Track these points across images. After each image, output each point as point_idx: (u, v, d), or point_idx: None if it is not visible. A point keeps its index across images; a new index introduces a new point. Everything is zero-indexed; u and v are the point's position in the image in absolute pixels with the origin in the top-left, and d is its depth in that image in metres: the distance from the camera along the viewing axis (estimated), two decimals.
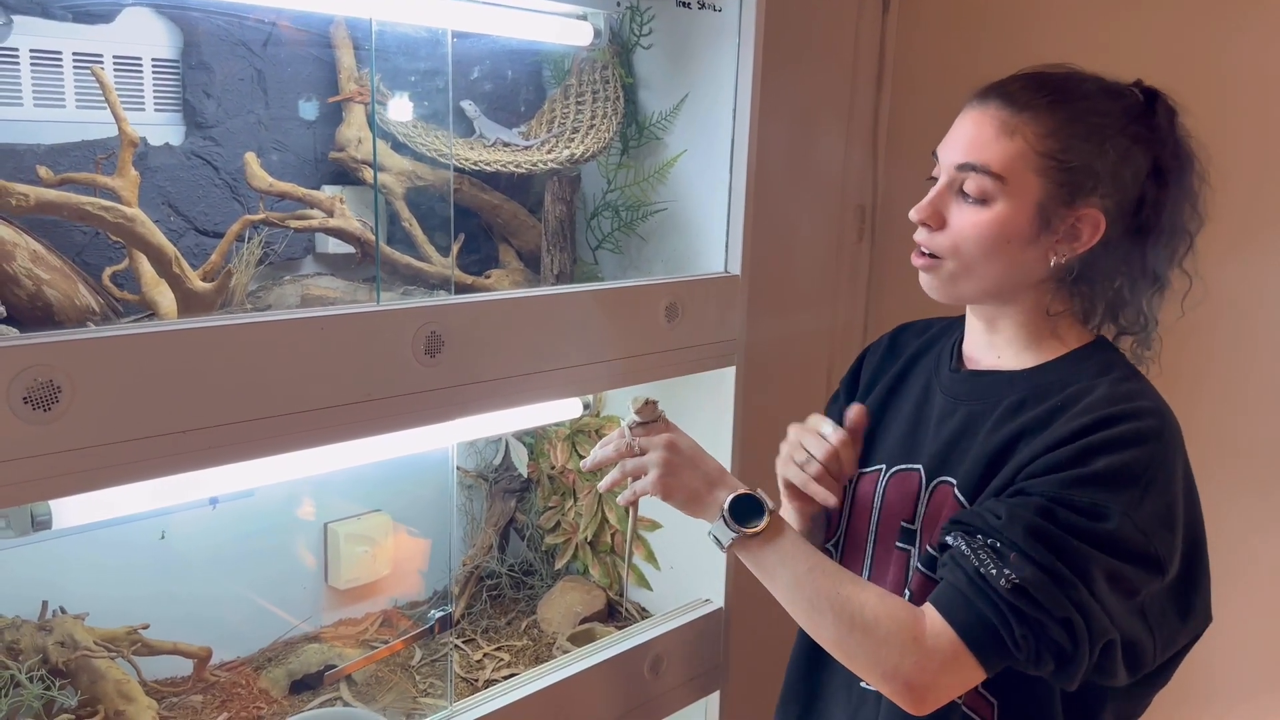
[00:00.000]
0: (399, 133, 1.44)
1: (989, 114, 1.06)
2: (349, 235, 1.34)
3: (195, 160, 1.38)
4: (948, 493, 1.11)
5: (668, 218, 1.62)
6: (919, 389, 1.23)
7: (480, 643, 1.63)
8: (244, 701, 1.43)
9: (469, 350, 1.21)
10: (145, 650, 1.38)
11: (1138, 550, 0.99)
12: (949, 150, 1.09)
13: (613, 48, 1.59)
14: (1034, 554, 0.97)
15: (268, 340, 1.04)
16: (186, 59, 1.37)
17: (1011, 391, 1.11)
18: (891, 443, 1.22)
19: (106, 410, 0.94)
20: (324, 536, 1.63)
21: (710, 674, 1.64)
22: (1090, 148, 1.03)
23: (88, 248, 1.28)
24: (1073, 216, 1.05)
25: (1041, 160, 1.04)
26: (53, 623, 1.28)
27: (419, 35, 1.37)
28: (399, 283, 1.37)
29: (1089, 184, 1.04)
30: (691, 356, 1.49)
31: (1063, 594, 0.96)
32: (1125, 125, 1.05)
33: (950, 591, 1.00)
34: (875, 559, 1.20)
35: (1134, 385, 1.08)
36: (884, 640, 1.00)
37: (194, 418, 0.99)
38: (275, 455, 1.06)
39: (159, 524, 1.44)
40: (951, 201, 1.08)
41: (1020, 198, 1.04)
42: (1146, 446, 1.01)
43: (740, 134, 1.50)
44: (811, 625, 1.05)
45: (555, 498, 1.78)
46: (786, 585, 1.06)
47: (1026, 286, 1.10)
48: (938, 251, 1.10)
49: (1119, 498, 0.99)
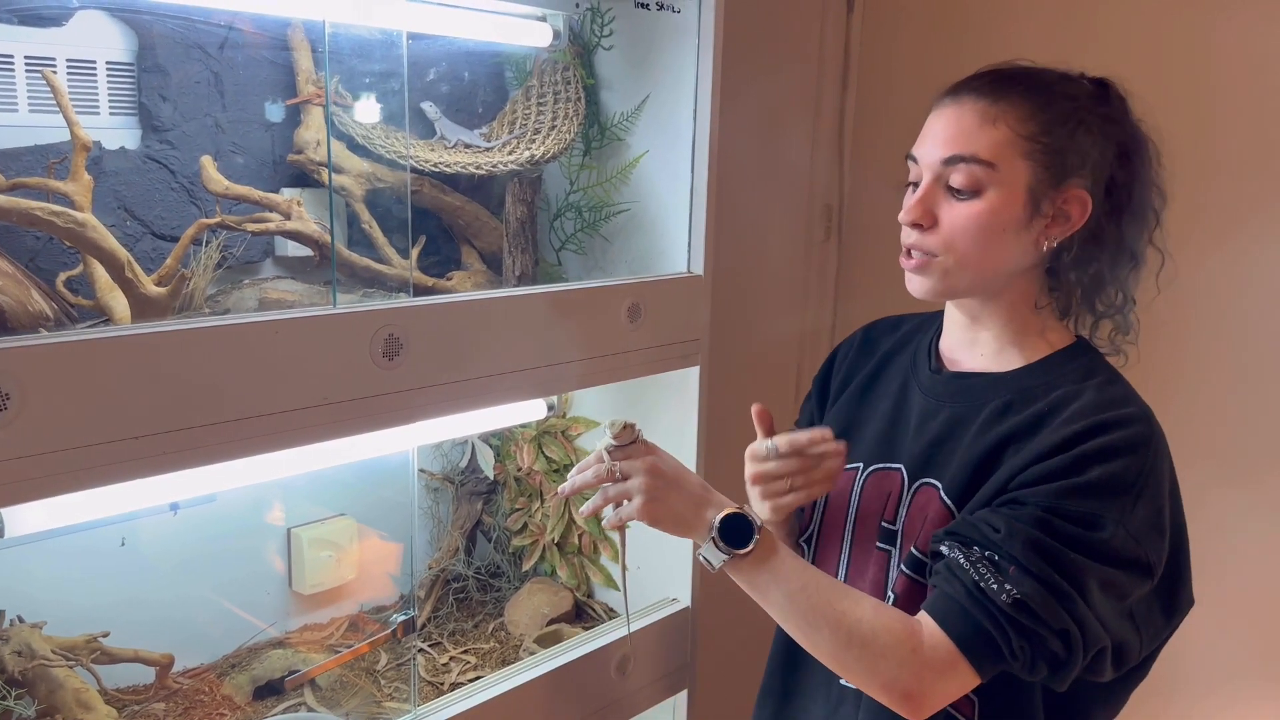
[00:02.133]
0: (357, 135, 1.44)
1: (966, 107, 1.08)
2: (306, 238, 1.33)
3: (151, 164, 1.37)
4: (932, 495, 1.12)
5: (631, 218, 1.62)
6: (895, 388, 1.24)
7: (447, 646, 1.62)
8: (207, 709, 1.42)
9: (428, 353, 1.20)
10: (105, 658, 1.37)
11: (1130, 557, 1.01)
12: (930, 148, 1.10)
13: (574, 49, 1.59)
14: (1033, 567, 0.99)
15: (221, 344, 1.03)
16: (141, 62, 1.36)
17: (997, 395, 1.13)
18: (869, 441, 1.22)
19: (57, 417, 0.93)
20: (288, 542, 1.62)
21: (678, 673, 1.64)
22: (1067, 130, 1.06)
23: (41, 253, 1.27)
24: (1060, 198, 1.07)
25: (1027, 144, 1.05)
26: (9, 631, 1.27)
27: (374, 38, 1.37)
28: (358, 285, 1.37)
29: (1073, 164, 1.06)
30: (655, 357, 1.49)
31: (1060, 607, 0.99)
32: (1092, 108, 1.08)
33: (947, 602, 1.01)
34: (853, 558, 1.21)
35: (1119, 389, 1.11)
36: (882, 653, 1.01)
37: (147, 424, 0.98)
38: (230, 460, 1.05)
39: (120, 531, 1.43)
40: (940, 199, 1.09)
41: (1011, 184, 1.06)
42: (1137, 455, 1.03)
43: (701, 134, 1.50)
44: (807, 641, 1.06)
45: (522, 499, 1.78)
46: (780, 603, 1.07)
47: (1017, 275, 1.11)
48: (931, 250, 1.10)
49: (1112, 506, 1.01)
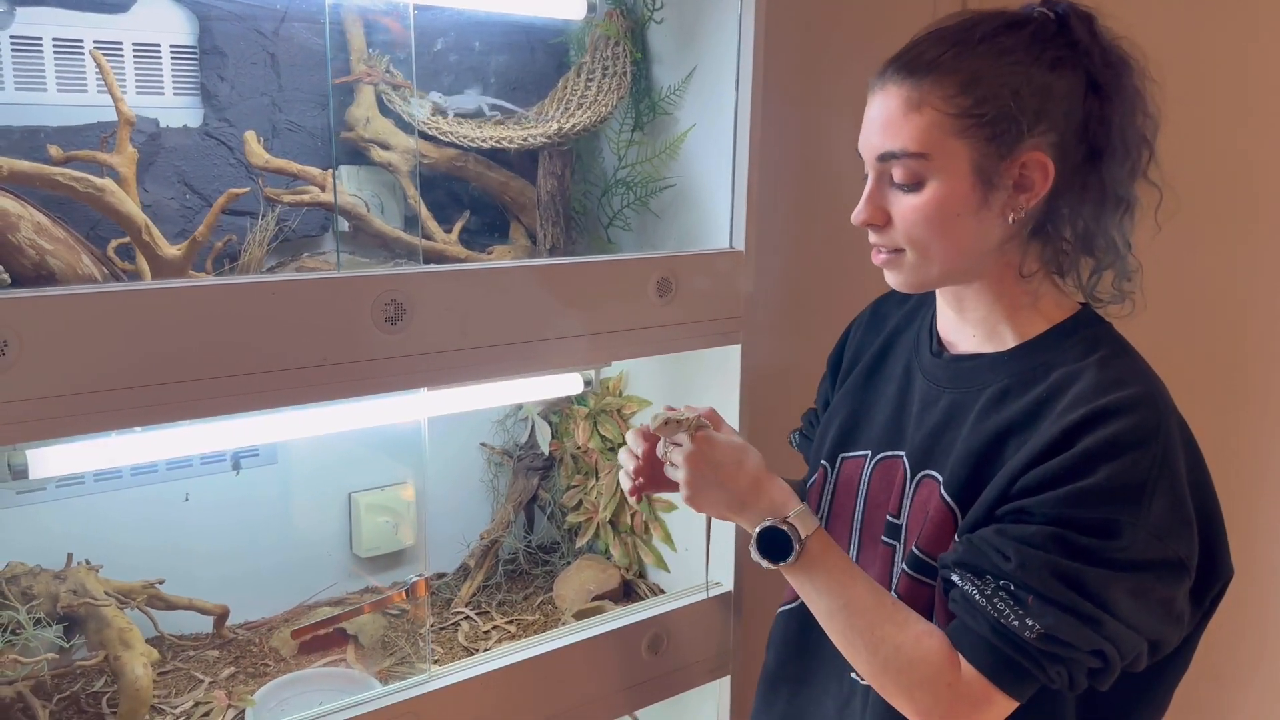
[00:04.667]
0: (403, 111, 1.48)
1: (890, 92, 0.99)
2: (343, 210, 1.38)
3: (210, 141, 1.46)
4: (933, 489, 1.06)
5: (678, 194, 1.60)
6: (900, 370, 1.18)
7: (494, 615, 1.65)
8: (254, 658, 1.50)
9: (433, 320, 1.23)
10: (161, 604, 1.46)
11: (1157, 559, 0.93)
12: (866, 143, 1.03)
13: (626, 23, 1.58)
14: (1053, 595, 0.93)
15: (215, 304, 1.09)
16: (202, 44, 1.45)
17: (994, 378, 1.05)
18: (877, 428, 1.18)
19: (52, 366, 1.00)
20: (348, 505, 1.69)
21: (720, 658, 1.61)
22: (1007, 91, 0.96)
23: (101, 222, 1.37)
24: (1015, 166, 0.98)
25: (958, 122, 0.96)
26: (68, 572, 1.38)
27: (402, 11, 1.41)
28: (388, 256, 1.41)
29: (1020, 127, 0.96)
30: (689, 333, 1.47)
31: (1090, 630, 0.93)
32: (1040, 53, 0.97)
33: (974, 639, 0.97)
34: (862, 550, 1.16)
35: (1123, 365, 1.01)
36: (918, 683, 0.99)
37: (139, 376, 1.04)
38: (223, 416, 1.11)
39: (185, 487, 1.53)
40: (888, 193, 1.02)
41: (951, 169, 0.98)
42: (1146, 446, 0.94)
43: (743, 106, 1.46)
44: (847, 653, 1.05)
45: (579, 477, 1.79)
46: (822, 614, 1.06)
47: (992, 252, 1.03)
48: (892, 246, 1.04)
49: (1127, 508, 0.93)
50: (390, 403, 1.31)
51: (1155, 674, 1.03)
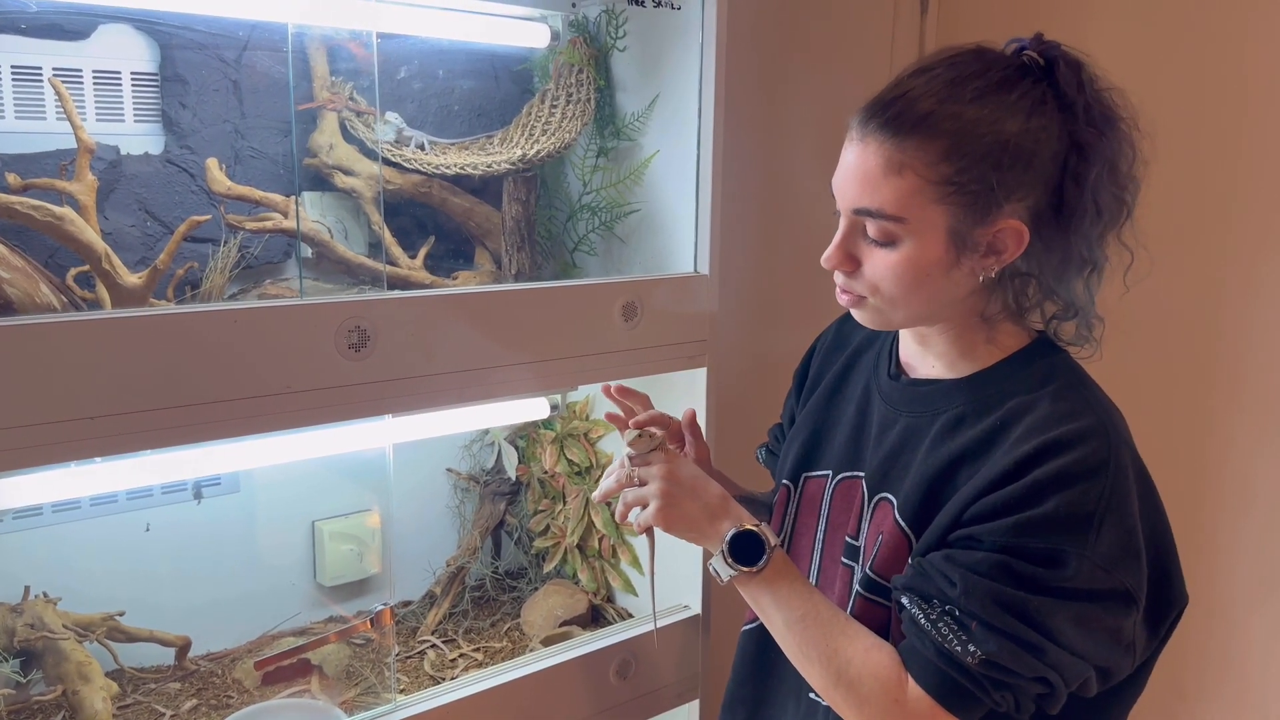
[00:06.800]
0: (366, 138, 1.48)
1: (871, 147, 0.98)
2: (306, 236, 1.38)
3: (172, 168, 1.45)
4: (888, 513, 1.07)
5: (644, 219, 1.61)
6: (860, 391, 1.19)
7: (460, 642, 1.64)
8: (217, 690, 1.48)
9: (397, 347, 1.22)
10: (122, 636, 1.44)
11: (1102, 589, 0.94)
12: (841, 191, 1.02)
13: (589, 51, 1.60)
14: (996, 622, 0.93)
15: (176, 332, 1.08)
16: (164, 71, 1.44)
17: (949, 404, 1.06)
18: (837, 447, 1.18)
19: (10, 395, 0.99)
20: (311, 534, 1.68)
21: (688, 681, 1.61)
22: (990, 160, 0.95)
23: (59, 251, 1.36)
24: (990, 233, 0.97)
25: (939, 189, 0.95)
26: (25, 605, 1.35)
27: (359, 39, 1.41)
28: (352, 282, 1.40)
29: (999, 197, 0.95)
30: (655, 357, 1.47)
31: (1032, 658, 0.94)
32: (1027, 120, 0.95)
33: (921, 660, 0.98)
34: (822, 570, 1.17)
35: (1076, 398, 1.01)
36: (866, 699, 1.00)
37: (101, 406, 1.03)
38: (184, 445, 1.10)
39: (145, 517, 1.51)
40: (860, 243, 1.02)
41: (926, 232, 0.97)
42: (1096, 478, 0.95)
43: (705, 133, 1.48)
44: (801, 668, 1.06)
45: (545, 501, 1.79)
46: (779, 627, 1.06)
47: (959, 302, 1.04)
48: (859, 292, 1.04)
49: (1074, 538, 0.93)
50: (354, 430, 1.30)
51: (1109, 698, 1.04)
